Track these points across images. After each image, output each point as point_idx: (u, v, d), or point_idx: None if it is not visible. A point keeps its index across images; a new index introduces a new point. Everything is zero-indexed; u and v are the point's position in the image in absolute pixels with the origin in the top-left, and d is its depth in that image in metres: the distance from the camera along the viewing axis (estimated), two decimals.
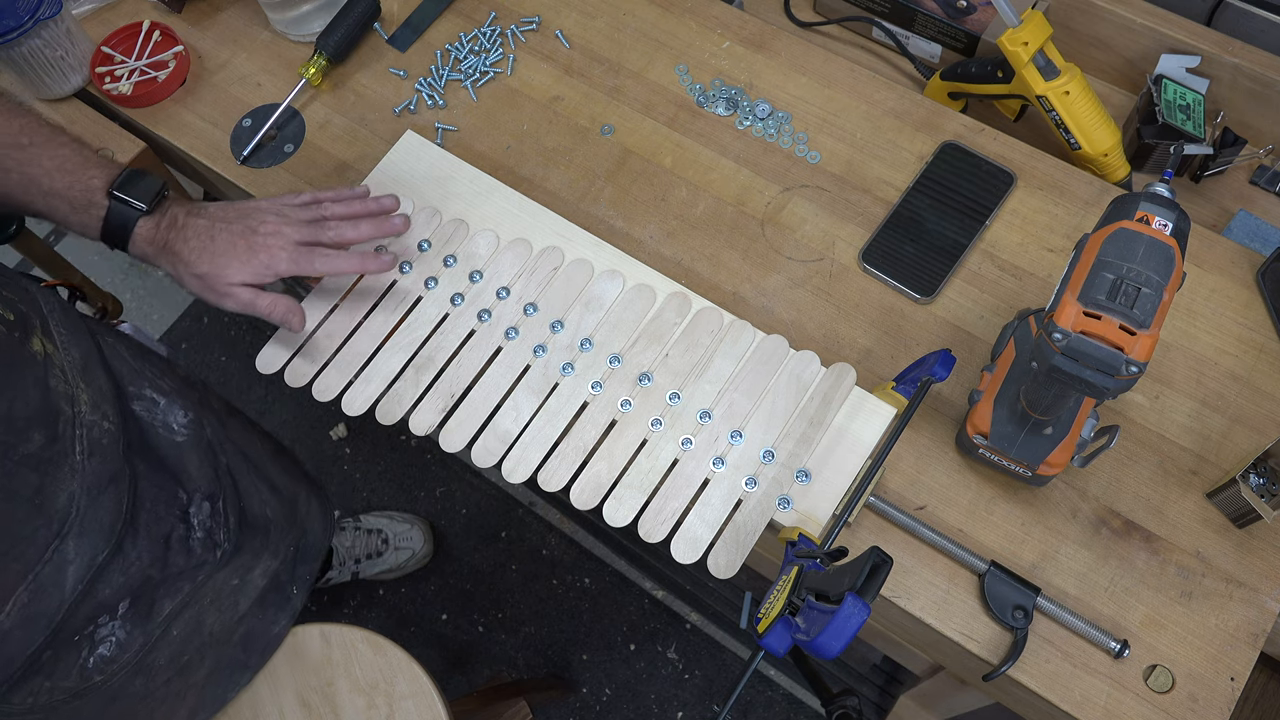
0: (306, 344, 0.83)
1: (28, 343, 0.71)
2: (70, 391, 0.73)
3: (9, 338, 0.69)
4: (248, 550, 0.88)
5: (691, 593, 1.64)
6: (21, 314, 0.72)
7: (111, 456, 0.74)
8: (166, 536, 0.79)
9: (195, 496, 0.83)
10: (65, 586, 0.70)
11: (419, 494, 1.75)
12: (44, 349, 0.72)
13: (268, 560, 0.91)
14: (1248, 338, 0.86)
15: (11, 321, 0.70)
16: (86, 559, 0.72)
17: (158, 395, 0.83)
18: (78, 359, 0.76)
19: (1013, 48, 0.94)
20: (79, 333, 0.78)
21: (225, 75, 1.03)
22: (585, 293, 0.84)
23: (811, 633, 0.56)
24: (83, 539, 0.71)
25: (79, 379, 0.74)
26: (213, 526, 0.83)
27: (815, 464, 0.77)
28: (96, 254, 1.97)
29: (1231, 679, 0.73)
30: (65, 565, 0.70)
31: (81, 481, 0.71)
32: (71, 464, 0.71)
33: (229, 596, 0.87)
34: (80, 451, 0.72)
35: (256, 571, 0.90)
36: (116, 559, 0.74)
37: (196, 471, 0.84)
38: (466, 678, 1.61)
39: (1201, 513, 0.79)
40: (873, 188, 0.94)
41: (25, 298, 0.75)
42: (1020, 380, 0.75)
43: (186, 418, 0.85)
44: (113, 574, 0.74)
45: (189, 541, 0.81)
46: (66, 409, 0.72)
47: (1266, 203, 1.01)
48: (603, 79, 1.01)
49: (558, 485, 0.77)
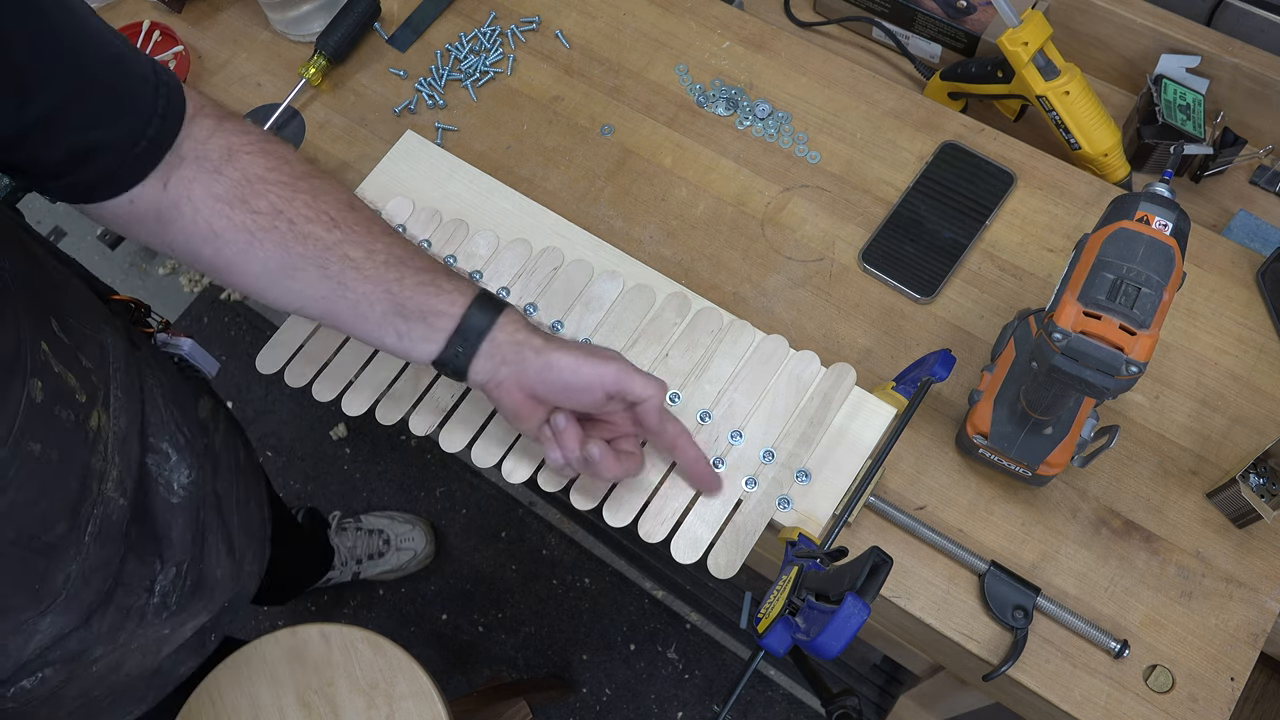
0: (307, 344, 0.83)
1: (89, 421, 0.68)
2: (103, 468, 0.70)
3: (75, 424, 0.66)
4: (189, 610, 0.85)
5: (691, 593, 1.64)
6: (92, 387, 0.69)
7: (115, 537, 0.72)
8: (129, 609, 0.77)
9: (167, 565, 0.80)
10: (25, 651, 0.69)
11: (419, 494, 1.75)
12: (98, 423, 0.69)
13: (202, 616, 0.88)
14: (1248, 338, 0.86)
15: (83, 404, 0.67)
16: (54, 632, 0.70)
17: (171, 450, 0.81)
18: (123, 429, 0.73)
19: (1013, 48, 0.94)
20: (131, 397, 0.75)
21: (225, 75, 1.03)
22: (585, 293, 0.84)
23: (811, 633, 0.56)
24: (60, 616, 0.69)
25: (116, 454, 0.71)
26: (169, 590, 0.81)
27: (815, 464, 0.77)
28: (97, 254, 1.97)
29: (1231, 679, 0.73)
30: (33, 635, 0.68)
31: (80, 565, 0.69)
32: (78, 547, 0.69)
33: (154, 645, 0.85)
34: (90, 533, 0.69)
35: (189, 626, 0.87)
36: (80, 630, 0.73)
37: (178, 537, 0.81)
38: (466, 678, 1.61)
39: (1201, 513, 0.79)
40: (873, 188, 0.94)
41: (99, 358, 0.71)
42: (1020, 380, 0.75)
43: (189, 479, 0.82)
44: (69, 641, 0.72)
45: (145, 609, 0.79)
46: (94, 489, 0.69)
47: (1266, 203, 1.01)
48: (603, 79, 1.01)
49: (557, 485, 0.77)
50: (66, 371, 0.66)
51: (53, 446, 0.64)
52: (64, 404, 0.65)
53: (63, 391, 0.65)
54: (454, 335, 0.67)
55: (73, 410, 0.66)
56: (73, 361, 0.68)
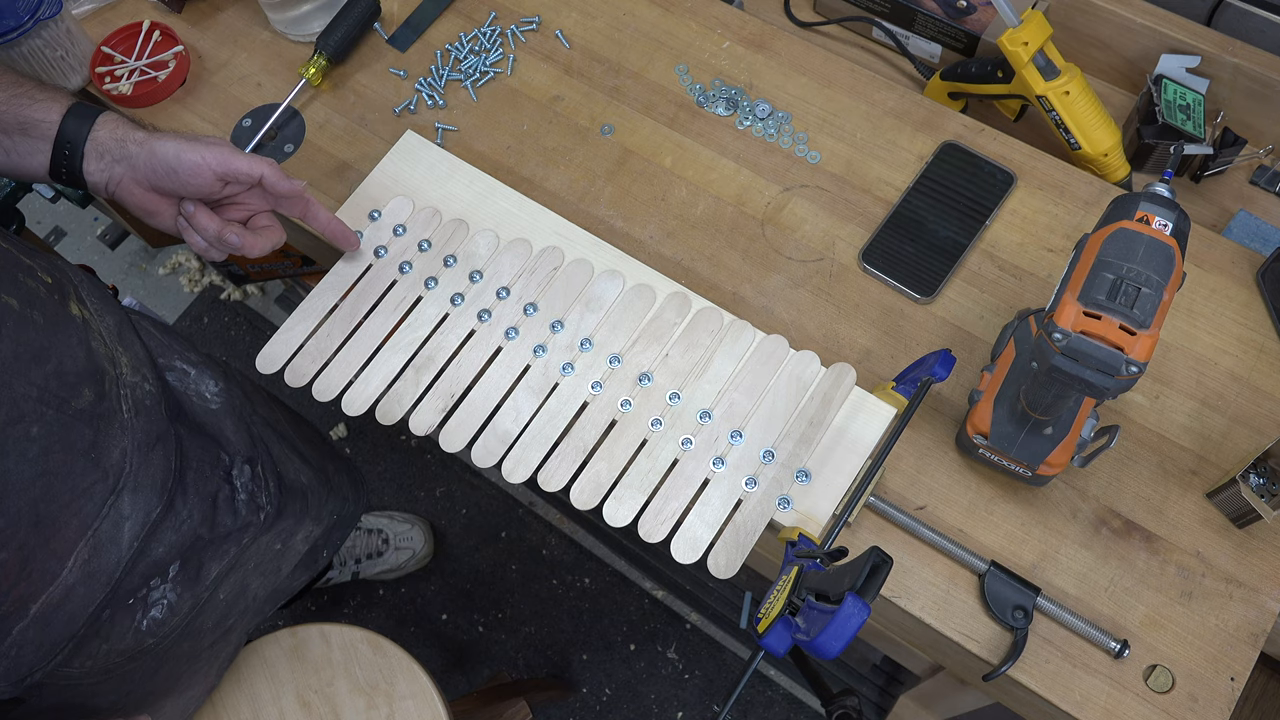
0: (307, 344, 0.83)
1: (66, 305, 0.71)
2: (110, 354, 0.73)
3: (50, 299, 0.69)
4: (289, 515, 0.89)
5: (691, 593, 1.64)
6: (57, 279, 0.73)
7: (156, 417, 0.75)
8: (214, 496, 0.80)
9: (236, 459, 0.83)
10: (122, 543, 0.71)
11: (419, 494, 1.75)
12: (81, 313, 0.72)
13: (310, 526, 0.92)
14: (1248, 338, 0.86)
15: (50, 284, 0.70)
16: (141, 515, 0.72)
17: (187, 366, 0.84)
18: (112, 326, 0.76)
19: (1013, 48, 0.94)
20: (109, 302, 0.78)
21: (225, 75, 1.03)
22: (585, 293, 0.84)
23: (811, 633, 0.56)
24: (137, 494, 0.72)
25: (116, 343, 0.75)
26: (254, 489, 0.84)
27: (815, 464, 0.77)
28: (96, 254, 1.97)
29: (1231, 679, 0.73)
30: (122, 521, 0.71)
31: (132, 438, 0.72)
32: (121, 421, 0.71)
33: (272, 561, 0.89)
34: (127, 410, 0.72)
35: (299, 537, 0.91)
36: (169, 516, 0.75)
37: (234, 436, 0.85)
38: (466, 678, 1.61)
39: (1201, 513, 0.79)
40: (873, 188, 0.94)
41: (55, 267, 0.75)
42: (1020, 380, 0.75)
43: (218, 386, 0.85)
44: (165, 532, 0.75)
45: (234, 502, 0.82)
46: (110, 369, 0.72)
47: (1266, 203, 1.01)
48: (603, 79, 1.01)
49: (558, 485, 0.77)
50: (16, 252, 0.70)
51: (30, 308, 0.66)
52: (23, 272, 0.68)
53: (18, 263, 0.69)
54: (57, 142, 0.73)
55: (38, 283, 0.69)
56: (24, 250, 0.72)
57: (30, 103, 0.75)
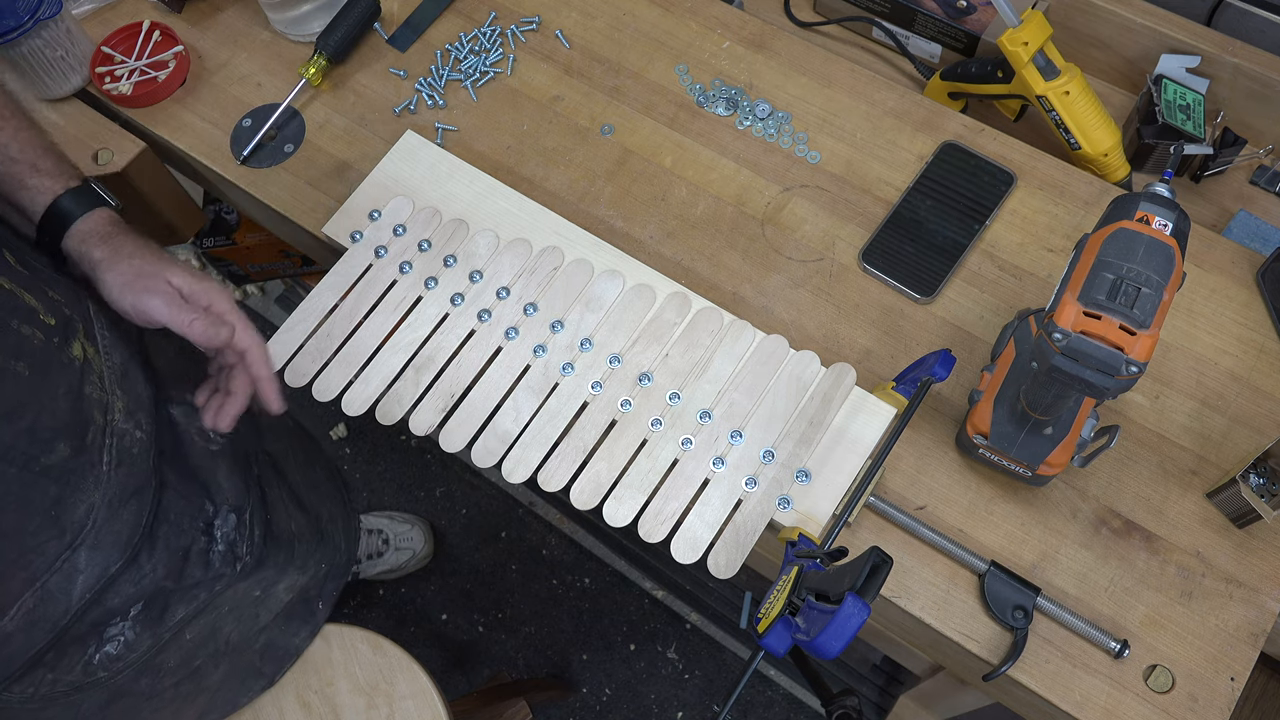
0: (307, 344, 0.83)
1: (67, 348, 0.70)
2: (105, 399, 0.72)
3: (47, 344, 0.68)
4: (271, 564, 0.87)
5: (691, 593, 1.64)
6: (65, 317, 0.71)
7: (140, 467, 0.74)
8: (186, 549, 0.79)
9: (222, 509, 0.82)
10: (73, 595, 0.70)
11: (419, 494, 1.75)
12: (84, 354, 0.71)
13: (294, 575, 0.91)
14: (1248, 338, 0.86)
15: (52, 326, 0.69)
16: (98, 570, 0.71)
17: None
18: (118, 364, 0.75)
19: (1013, 48, 0.94)
20: (124, 336, 0.77)
21: (225, 75, 1.03)
22: (585, 293, 0.84)
23: (811, 633, 0.56)
24: (96, 551, 0.71)
25: (116, 386, 0.73)
26: (236, 539, 0.83)
27: (815, 464, 0.77)
28: None
29: (1231, 679, 0.73)
30: (74, 575, 0.70)
31: (104, 493, 0.71)
32: (96, 475, 0.70)
33: (249, 608, 0.87)
34: (107, 462, 0.71)
35: (281, 586, 0.90)
36: (129, 570, 0.74)
37: (226, 482, 0.83)
38: (466, 678, 1.61)
39: (1201, 513, 0.79)
40: (873, 188, 0.94)
41: (72, 299, 0.74)
42: (1020, 380, 0.75)
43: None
44: (123, 584, 0.74)
45: (209, 555, 0.81)
46: (99, 418, 0.71)
47: (1266, 203, 1.01)
48: (603, 79, 1.01)
49: (558, 485, 0.77)
50: (22, 291, 0.67)
51: (17, 360, 0.65)
52: (22, 319, 0.66)
53: (17, 307, 0.66)
54: (39, 227, 0.74)
55: (39, 330, 0.67)
56: (32, 286, 0.69)
57: (30, 177, 0.75)
